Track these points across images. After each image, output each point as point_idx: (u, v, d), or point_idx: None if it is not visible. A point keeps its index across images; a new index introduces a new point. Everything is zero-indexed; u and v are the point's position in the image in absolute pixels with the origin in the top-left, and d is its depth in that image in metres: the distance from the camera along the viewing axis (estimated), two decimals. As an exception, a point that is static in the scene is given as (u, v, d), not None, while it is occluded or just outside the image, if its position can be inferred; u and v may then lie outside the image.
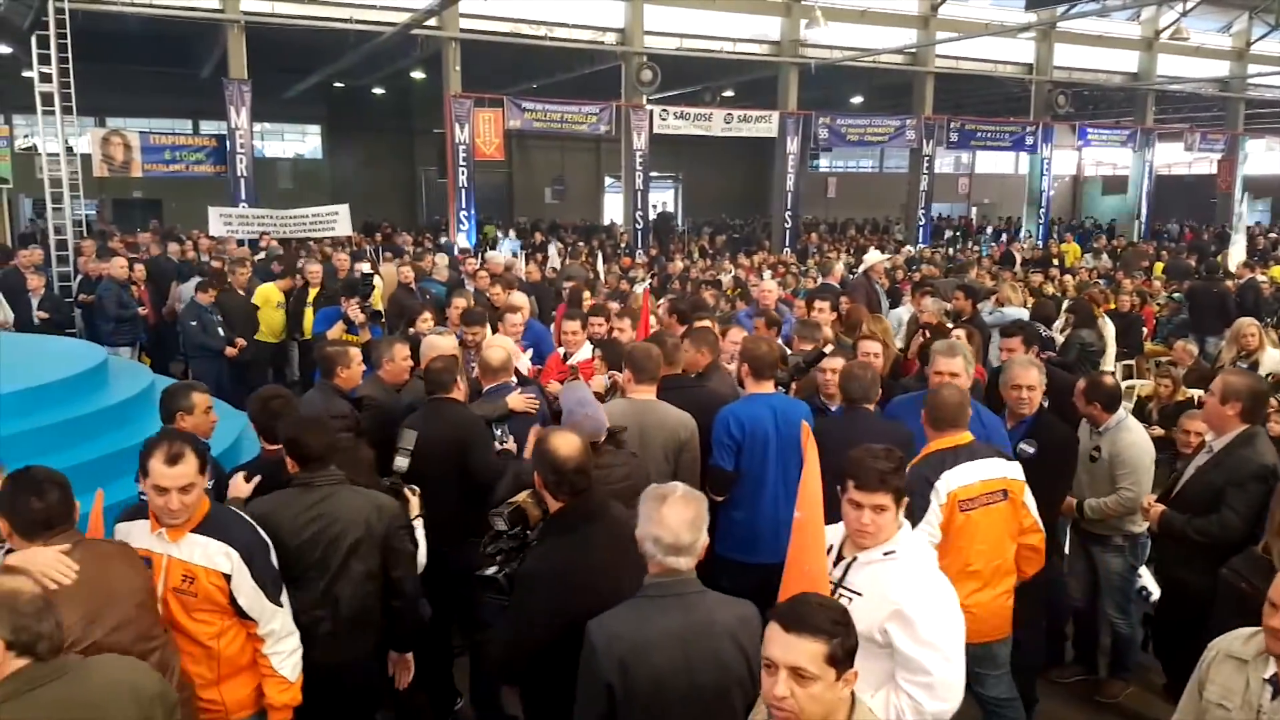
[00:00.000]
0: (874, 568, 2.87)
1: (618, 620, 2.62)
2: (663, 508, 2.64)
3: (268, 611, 3.15)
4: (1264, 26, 26.77)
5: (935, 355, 4.75)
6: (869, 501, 2.85)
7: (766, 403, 4.57)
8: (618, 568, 2.94)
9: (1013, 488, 3.88)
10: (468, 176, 19.46)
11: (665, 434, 4.43)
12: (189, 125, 26.46)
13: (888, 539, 2.89)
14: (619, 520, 3.16)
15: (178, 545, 3.08)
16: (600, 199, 35.45)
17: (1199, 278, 12.16)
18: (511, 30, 19.80)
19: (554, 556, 3.04)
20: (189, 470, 3.00)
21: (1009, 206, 37.22)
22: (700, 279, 13.81)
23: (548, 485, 3.14)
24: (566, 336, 6.24)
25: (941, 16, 23.39)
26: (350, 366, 4.97)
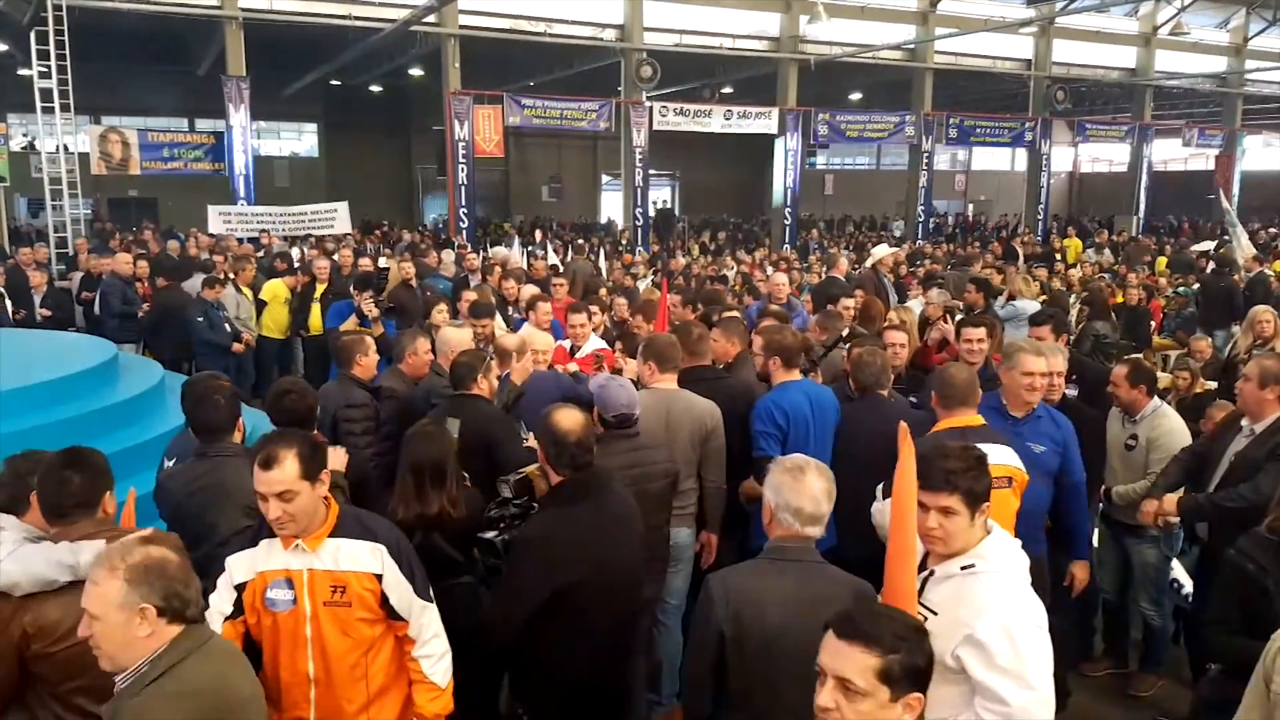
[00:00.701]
0: (952, 583, 2.58)
1: (737, 575, 2.77)
2: (805, 478, 2.74)
3: (417, 607, 2.89)
4: (1261, 22, 26.80)
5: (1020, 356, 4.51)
6: (934, 503, 2.57)
7: (801, 390, 4.53)
8: (609, 545, 3.15)
9: (1018, 477, 3.85)
10: (467, 174, 19.38)
11: (692, 422, 4.38)
12: (186, 123, 26.33)
13: (966, 549, 2.59)
14: (618, 499, 3.27)
15: (318, 555, 2.79)
16: (597, 197, 35.39)
17: (1211, 272, 12.13)
18: (510, 26, 19.73)
19: (546, 526, 3.15)
20: (287, 475, 2.67)
21: (1005, 203, 37.25)
22: (704, 275, 13.76)
23: (549, 458, 3.21)
24: (574, 330, 6.20)
25: (940, 12, 23.36)
26: (368, 354, 4.93)
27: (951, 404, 3.94)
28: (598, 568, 3.07)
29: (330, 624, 2.80)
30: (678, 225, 28.80)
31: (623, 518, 3.26)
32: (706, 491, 4.49)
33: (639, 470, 3.83)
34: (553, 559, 3.07)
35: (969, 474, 2.59)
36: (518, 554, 3.17)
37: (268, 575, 2.80)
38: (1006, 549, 2.65)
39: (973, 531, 2.60)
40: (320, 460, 2.79)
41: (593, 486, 3.20)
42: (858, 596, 2.66)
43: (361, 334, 5.20)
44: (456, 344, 5.02)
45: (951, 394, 3.94)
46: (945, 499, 2.56)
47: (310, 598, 2.78)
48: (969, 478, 2.58)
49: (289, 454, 2.68)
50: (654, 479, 3.88)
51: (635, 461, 3.85)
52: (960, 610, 2.50)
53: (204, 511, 3.30)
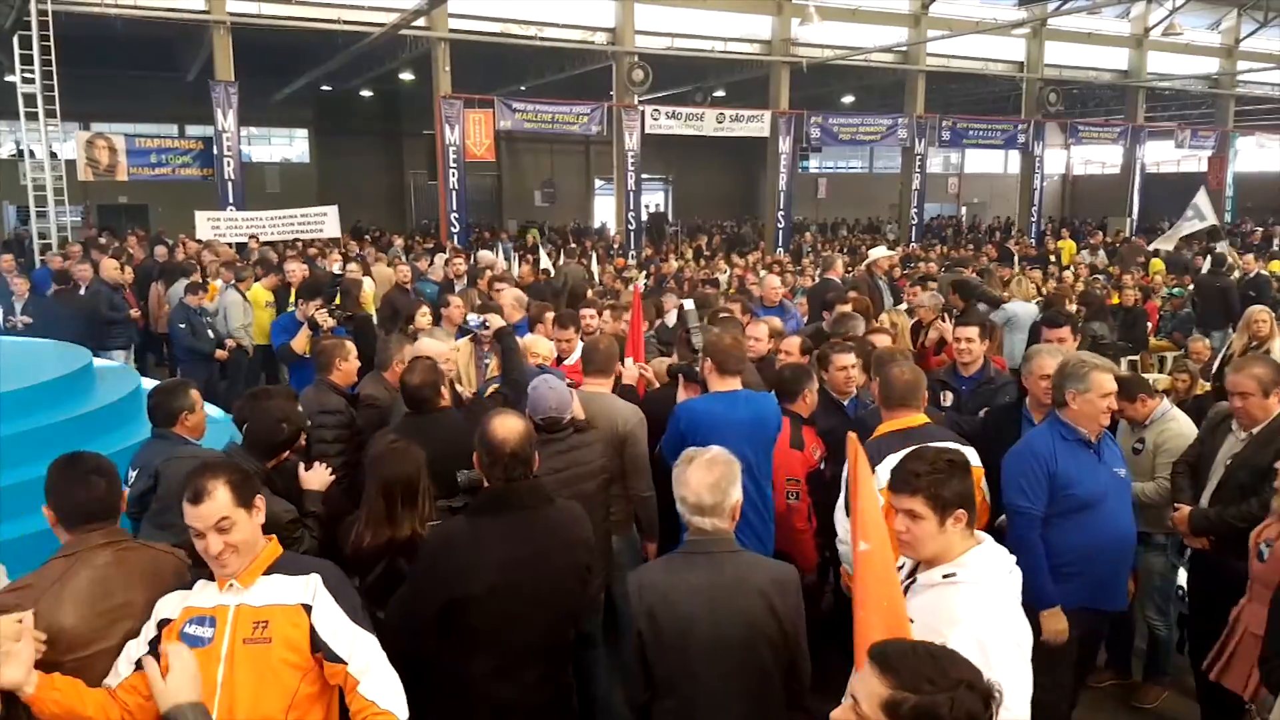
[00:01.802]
0: (933, 592, 2.51)
1: (650, 572, 2.90)
2: (687, 470, 2.78)
3: (360, 640, 2.50)
4: (1253, 23, 26.81)
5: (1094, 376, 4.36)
6: (899, 505, 2.55)
7: (723, 399, 4.31)
8: (523, 568, 2.92)
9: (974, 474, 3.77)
10: (458, 178, 19.26)
11: (607, 426, 4.30)
12: (176, 130, 26.17)
13: (944, 557, 2.52)
14: (556, 511, 3.08)
15: (250, 591, 2.53)
16: (590, 201, 35.29)
17: (1207, 272, 12.06)
18: (501, 30, 19.63)
19: (448, 535, 3.00)
20: (220, 503, 2.47)
21: (999, 206, 37.23)
22: (696, 279, 13.64)
23: (482, 466, 3.04)
24: (560, 344, 5.92)
25: (932, 14, 23.33)
26: (348, 359, 4.80)
27: (893, 404, 3.95)
28: (504, 584, 2.87)
29: (247, 668, 2.46)
30: (670, 229, 28.75)
31: (555, 529, 3.04)
32: (633, 500, 4.41)
33: (570, 472, 3.79)
34: (446, 569, 2.91)
35: (933, 477, 2.51)
36: (418, 559, 3.07)
37: (192, 610, 2.54)
38: (993, 561, 2.56)
39: (945, 538, 2.52)
40: (252, 486, 2.60)
41: (517, 498, 3.01)
42: (775, 581, 2.77)
43: (340, 340, 5.00)
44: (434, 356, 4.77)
45: (891, 395, 3.96)
46: (908, 501, 2.52)
47: (230, 635, 2.48)
48: (932, 480, 2.50)
49: (218, 483, 2.49)
50: (586, 479, 3.83)
51: (567, 463, 3.82)
52: (935, 620, 2.41)
53: None
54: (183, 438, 3.90)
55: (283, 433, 3.64)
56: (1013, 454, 3.82)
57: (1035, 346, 4.80)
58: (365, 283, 10.47)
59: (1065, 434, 3.79)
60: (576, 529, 3.13)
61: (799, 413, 4.57)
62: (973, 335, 5.32)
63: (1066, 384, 3.81)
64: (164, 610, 2.57)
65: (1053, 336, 5.34)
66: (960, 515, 2.51)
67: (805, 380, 4.61)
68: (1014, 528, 3.71)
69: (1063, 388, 3.82)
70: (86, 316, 9.35)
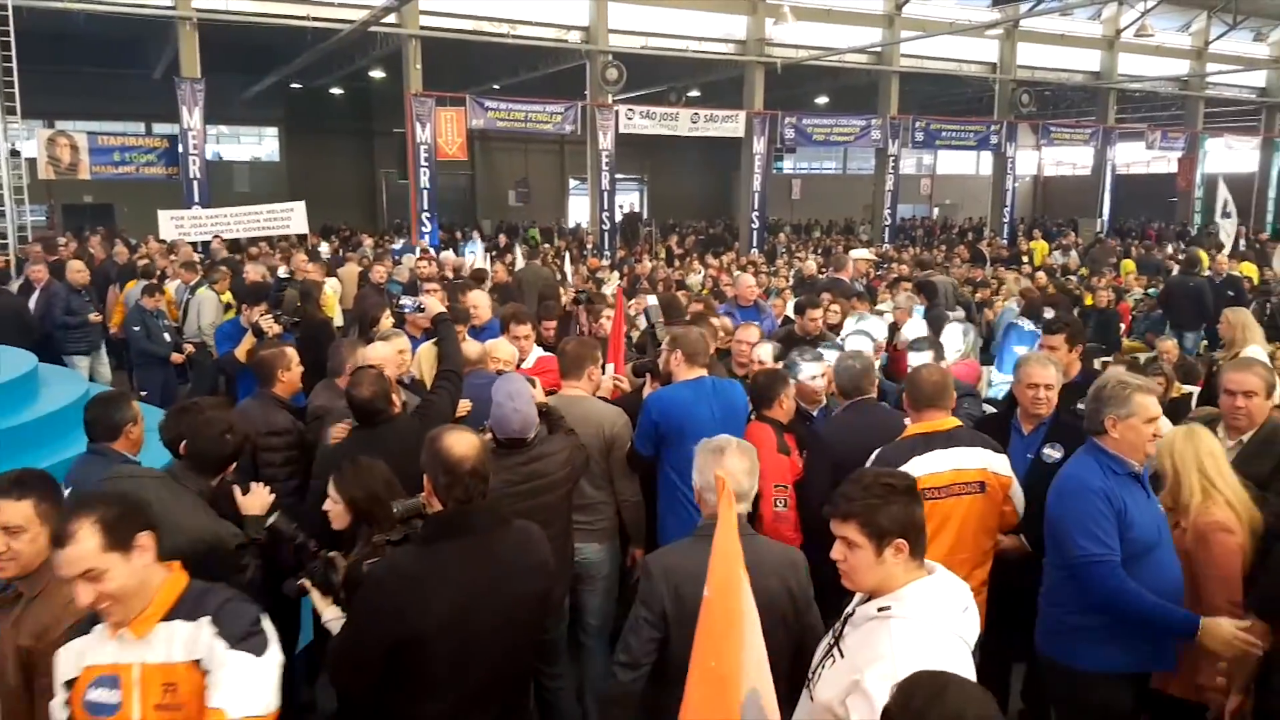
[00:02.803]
0: (866, 626, 2.35)
1: (673, 555, 2.91)
2: (724, 458, 2.88)
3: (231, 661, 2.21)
4: (1222, 25, 27.03)
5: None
6: (836, 531, 2.39)
7: (692, 388, 4.35)
8: (477, 599, 2.69)
9: (992, 481, 3.73)
10: (429, 177, 19.04)
11: (590, 431, 4.20)
12: (143, 128, 25.73)
13: (885, 588, 2.35)
14: (511, 533, 2.86)
15: (149, 643, 2.23)
16: (565, 201, 35.13)
17: (1179, 273, 12.07)
18: (473, 28, 19.42)
19: (396, 567, 2.74)
20: (84, 551, 2.15)
21: (971, 207, 37.40)
22: (671, 279, 13.53)
23: (437, 489, 2.77)
24: (518, 342, 5.77)
25: (906, 15, 23.34)
26: (290, 369, 4.52)
27: (921, 404, 3.85)
28: (456, 618, 2.64)
29: None
30: (645, 230, 28.63)
31: (512, 554, 2.82)
32: (620, 506, 4.33)
33: (528, 485, 3.65)
34: (392, 607, 2.63)
35: (866, 502, 2.33)
36: (361, 594, 2.78)
37: (93, 671, 2.24)
38: (938, 596, 2.35)
39: (885, 568, 2.34)
40: (133, 523, 2.24)
41: (473, 521, 2.77)
42: (790, 563, 2.92)
43: (281, 348, 4.68)
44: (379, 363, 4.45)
45: (920, 396, 3.86)
46: (841, 527, 2.37)
47: (140, 699, 2.20)
48: (866, 506, 2.33)
49: (83, 524, 2.16)
50: (546, 491, 3.69)
51: (525, 476, 3.68)
52: (858, 658, 2.29)
53: None
54: (121, 454, 3.62)
55: (228, 445, 3.39)
56: (1066, 494, 3.35)
57: (1026, 354, 4.66)
58: (328, 284, 10.25)
59: (1115, 467, 3.33)
60: (534, 552, 2.91)
61: (778, 419, 4.46)
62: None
63: (1106, 409, 3.36)
64: (64, 668, 2.30)
65: (1046, 344, 5.11)
66: (901, 545, 2.32)
67: (780, 386, 4.50)
68: (1094, 581, 3.22)
69: (1100, 413, 3.37)
70: (13, 319, 8.83)
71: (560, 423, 3.97)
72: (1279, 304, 10.80)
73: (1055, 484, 3.43)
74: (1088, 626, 3.30)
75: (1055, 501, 3.38)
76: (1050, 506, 3.40)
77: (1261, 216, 29.76)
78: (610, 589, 4.34)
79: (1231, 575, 3.34)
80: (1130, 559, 3.21)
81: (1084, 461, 3.42)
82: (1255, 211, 29.89)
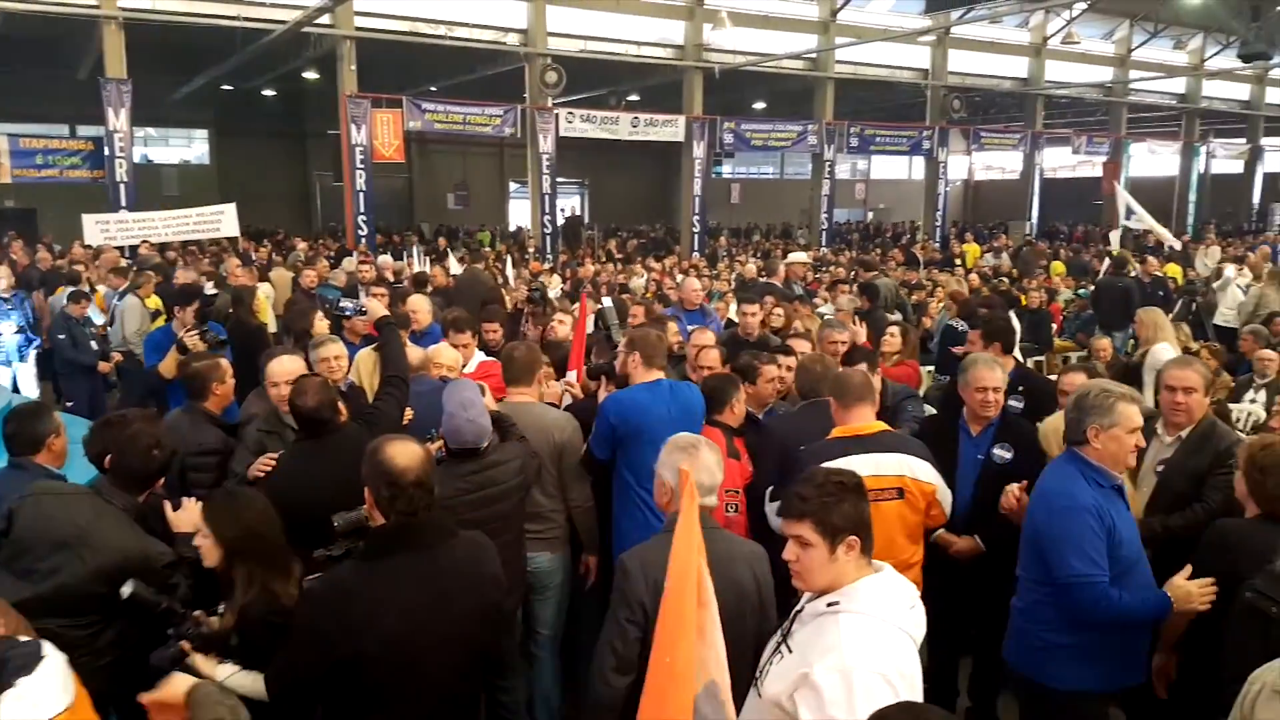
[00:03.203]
0: (815, 622, 2.35)
1: (649, 550, 2.87)
2: (699, 454, 2.97)
3: None
4: (1144, 34, 27.93)
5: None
6: (789, 531, 2.41)
7: (648, 390, 4.31)
8: (424, 616, 2.60)
9: (912, 487, 3.72)
10: (365, 180, 18.75)
11: (541, 438, 4.15)
12: (67, 130, 24.91)
13: (835, 585, 2.35)
14: (459, 546, 2.77)
15: None
16: (505, 205, 34.89)
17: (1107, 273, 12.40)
18: (409, 29, 19.19)
19: (337, 585, 2.64)
20: None
21: (903, 211, 38.06)
22: (613, 283, 13.51)
23: (379, 502, 2.67)
24: (459, 349, 5.68)
25: (841, 22, 23.67)
26: (225, 382, 4.33)
27: (849, 401, 3.85)
28: (401, 636, 2.56)
29: None
30: (587, 233, 28.60)
31: (460, 568, 2.75)
32: (573, 512, 4.28)
33: (481, 494, 3.59)
34: (333, 626, 2.54)
35: (821, 501, 2.35)
36: (301, 612, 2.69)
37: None
38: (888, 592, 2.37)
39: (837, 566, 2.35)
40: None
41: (419, 534, 2.68)
42: (755, 553, 3.00)
43: (215, 360, 4.48)
44: (286, 376, 4.16)
45: (846, 394, 3.87)
46: (795, 526, 2.38)
47: None
48: (822, 505, 2.35)
49: None
50: (499, 500, 3.63)
51: (477, 484, 3.61)
52: (809, 652, 2.29)
53: None
54: (44, 468, 3.48)
55: (155, 461, 3.24)
56: (1057, 512, 3.22)
57: (973, 357, 4.72)
58: (261, 289, 10.02)
59: (1099, 479, 3.23)
60: (483, 564, 2.85)
61: (728, 423, 4.44)
62: (836, 337, 5.27)
63: (1088, 418, 3.26)
64: None
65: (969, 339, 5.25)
66: (852, 542, 2.35)
67: (731, 389, 4.48)
68: (1085, 602, 3.15)
69: (1082, 422, 3.27)
70: None
71: (512, 430, 3.91)
72: (1203, 303, 11.14)
73: (1043, 499, 3.33)
74: (1064, 644, 3.26)
75: (1045, 518, 3.27)
76: (1038, 523, 3.30)
77: (1183, 219, 30.80)
78: (562, 599, 4.29)
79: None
80: (1118, 575, 3.17)
81: (1067, 473, 3.30)
82: (1176, 214, 30.95)
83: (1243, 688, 2.39)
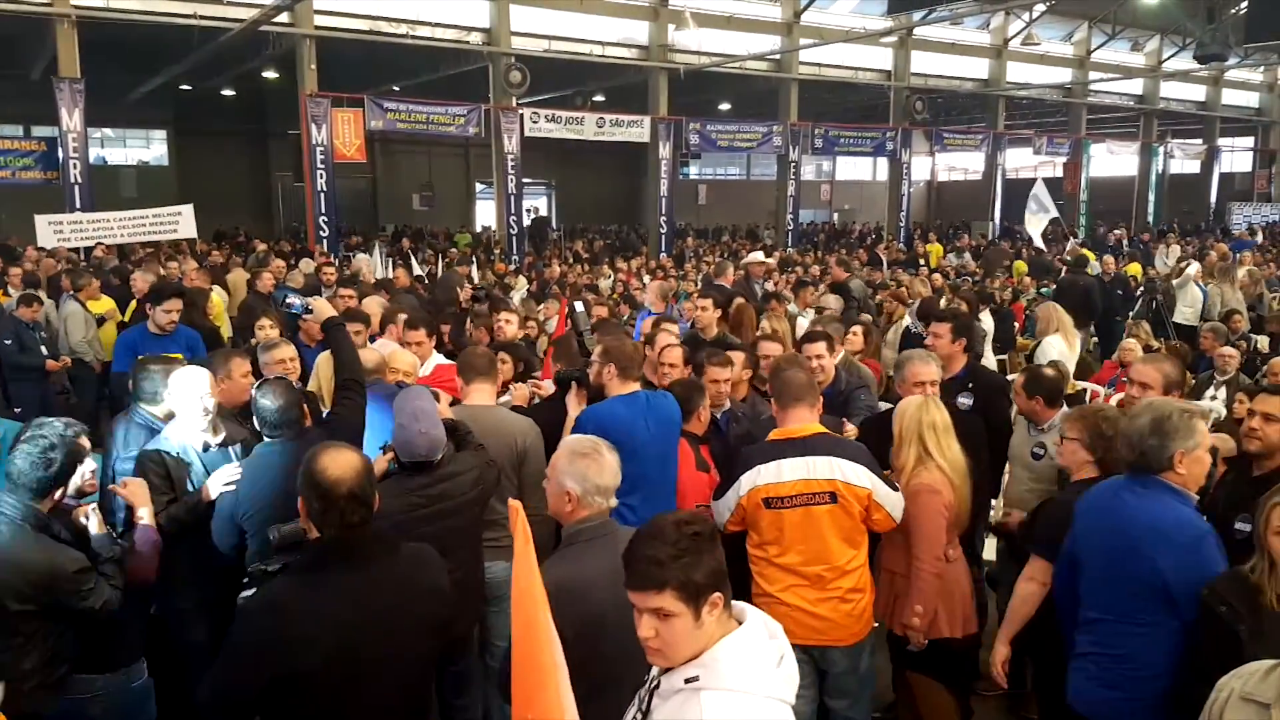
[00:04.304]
0: (675, 700, 2.00)
1: (557, 569, 2.64)
2: (602, 455, 2.83)
3: None
4: (1102, 35, 28.32)
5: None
6: (644, 605, 1.99)
7: (625, 403, 4.17)
8: (365, 631, 2.50)
9: (844, 491, 3.63)
10: (326, 180, 18.51)
11: (501, 444, 4.02)
12: (20, 131, 24.37)
13: (691, 655, 1.99)
14: (401, 559, 2.67)
15: None
16: (471, 206, 34.67)
17: (1068, 273, 12.51)
18: (370, 28, 18.97)
19: (273, 600, 2.55)
20: None
21: (868, 212, 38.32)
22: (580, 284, 13.44)
23: (311, 514, 2.56)
24: (412, 348, 5.53)
25: (804, 23, 23.75)
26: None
27: (788, 401, 3.78)
28: (341, 653, 2.46)
29: None
30: (554, 234, 28.47)
31: (402, 581, 2.64)
32: (534, 520, 4.13)
33: (434, 508, 3.42)
34: (272, 641, 2.46)
35: (682, 561, 1.97)
36: (235, 628, 2.58)
37: None
38: (746, 655, 2.00)
39: (704, 632, 1.99)
40: None
41: (357, 548, 2.57)
42: None
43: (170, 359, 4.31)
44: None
45: (786, 393, 3.80)
46: (654, 599, 1.97)
47: None
48: (682, 566, 1.96)
49: None
50: (453, 514, 3.45)
51: (435, 498, 3.44)
52: None
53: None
54: None
55: (53, 465, 3.05)
56: (1184, 547, 2.96)
57: (908, 352, 4.71)
58: (215, 292, 9.83)
59: (1189, 504, 3.06)
60: (427, 576, 2.74)
61: (695, 432, 4.33)
62: (821, 350, 5.12)
63: (1173, 443, 3.00)
64: None
65: (932, 331, 5.18)
66: (716, 600, 1.99)
67: (698, 397, 4.37)
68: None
69: (1166, 448, 3.00)
70: None
71: (468, 439, 3.74)
72: (1164, 301, 11.27)
73: (1158, 534, 3.01)
74: (1166, 693, 2.95)
75: (1170, 554, 2.96)
76: (1163, 565, 2.96)
77: (1143, 219, 31.27)
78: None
79: (935, 531, 3.74)
80: None
81: (1167, 504, 3.03)
82: (1136, 213, 31.42)
83: (1210, 692, 2.38)
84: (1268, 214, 31.67)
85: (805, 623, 3.62)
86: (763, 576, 3.74)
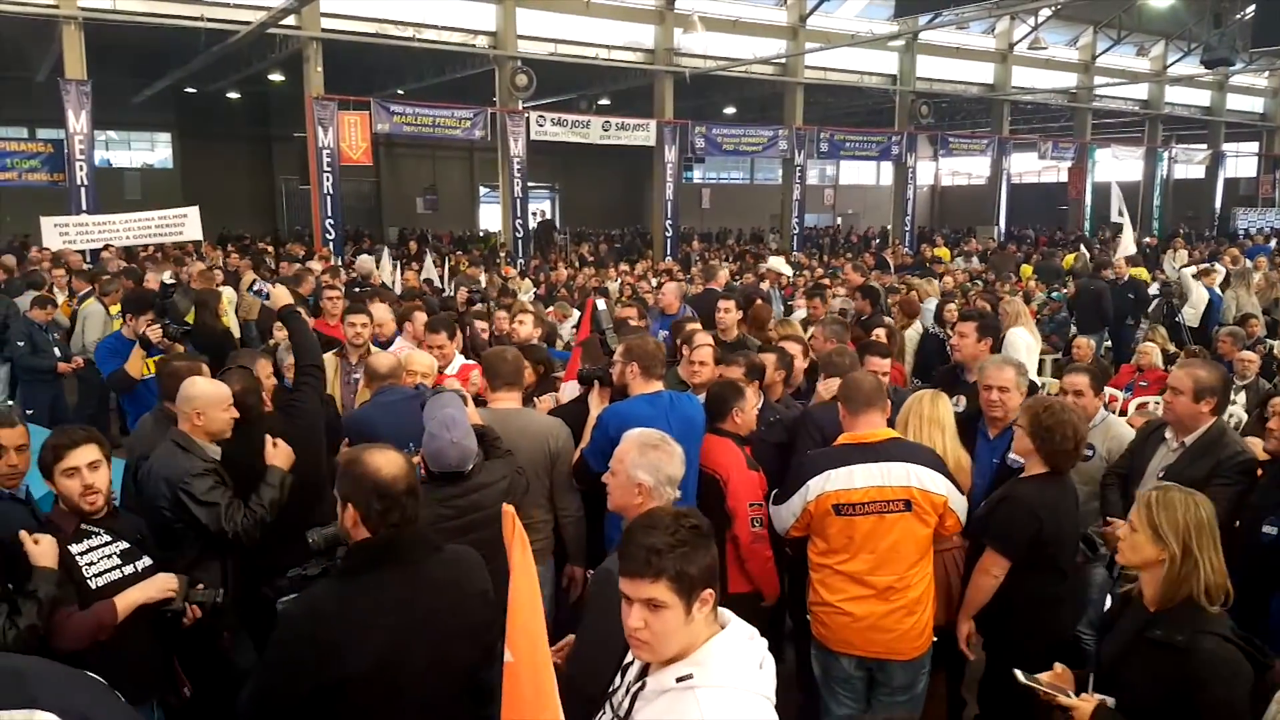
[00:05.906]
0: (664, 700, 1.97)
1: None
2: (671, 446, 2.96)
3: None
4: (1108, 40, 28.28)
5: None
6: (635, 594, 1.97)
7: (649, 402, 4.12)
8: (412, 635, 2.44)
9: (920, 499, 3.54)
10: (333, 183, 18.48)
11: (531, 446, 3.97)
12: (25, 133, 24.33)
13: (686, 652, 1.98)
14: (442, 560, 2.60)
15: None
16: (475, 209, 34.66)
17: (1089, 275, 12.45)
18: (376, 31, 18.95)
19: (319, 603, 2.48)
20: None
21: (872, 216, 38.30)
22: (589, 286, 13.41)
23: (369, 516, 2.46)
24: (434, 351, 5.47)
25: (810, 27, 23.71)
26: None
27: (857, 407, 3.69)
28: (389, 658, 2.41)
29: None
30: (560, 238, 28.46)
31: (446, 584, 2.57)
32: (562, 522, 4.11)
33: (464, 519, 3.30)
34: (319, 646, 2.38)
35: (678, 552, 1.95)
36: (279, 635, 2.49)
37: None
38: (735, 654, 2.01)
39: (692, 628, 1.97)
40: None
41: (406, 548, 2.51)
42: None
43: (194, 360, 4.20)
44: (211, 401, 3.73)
45: (857, 398, 3.71)
46: (647, 588, 1.94)
47: None
48: (678, 557, 1.95)
49: None
50: (483, 525, 3.28)
51: (464, 509, 3.33)
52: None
53: None
54: None
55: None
56: None
57: (991, 356, 4.69)
58: (225, 292, 9.77)
59: None
60: (471, 580, 2.66)
61: (737, 432, 4.23)
62: (885, 367, 5.02)
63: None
64: None
65: (958, 331, 5.17)
66: (707, 596, 1.98)
67: (734, 398, 4.27)
68: None
69: None
70: None
71: (496, 445, 3.64)
72: (1179, 305, 11.20)
73: None
74: None
75: None
76: None
77: (1147, 223, 31.20)
78: (546, 611, 4.13)
79: None
80: None
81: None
82: (1141, 219, 31.34)
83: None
84: (1272, 219, 31.60)
85: (867, 634, 3.56)
86: (824, 585, 3.65)
